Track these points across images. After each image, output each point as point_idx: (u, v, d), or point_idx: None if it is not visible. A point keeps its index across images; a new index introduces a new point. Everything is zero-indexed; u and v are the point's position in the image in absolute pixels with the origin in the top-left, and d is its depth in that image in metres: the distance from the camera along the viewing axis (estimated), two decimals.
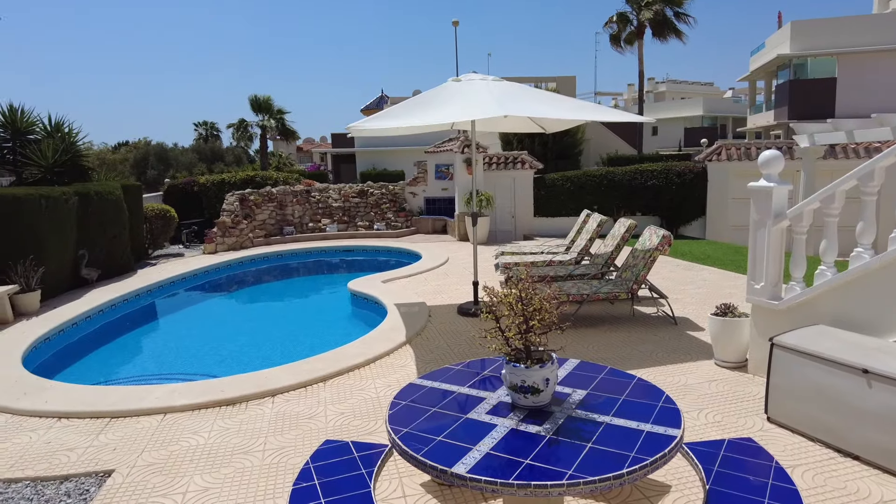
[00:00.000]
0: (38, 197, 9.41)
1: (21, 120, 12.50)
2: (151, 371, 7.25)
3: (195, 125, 48.81)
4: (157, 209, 14.69)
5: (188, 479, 4.00)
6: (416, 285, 9.92)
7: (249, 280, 13.07)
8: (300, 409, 5.08)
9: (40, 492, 4.03)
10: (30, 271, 9.00)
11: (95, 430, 4.84)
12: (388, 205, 17.17)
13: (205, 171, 33.05)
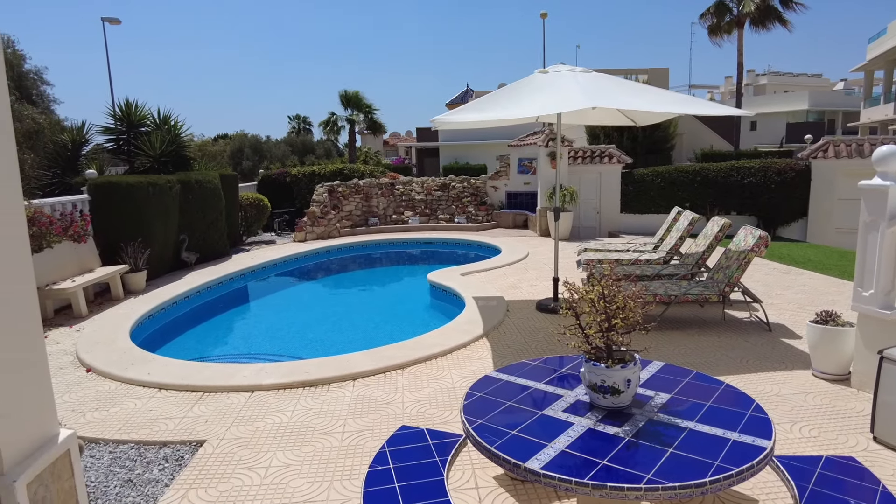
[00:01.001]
0: (146, 184, 10.17)
1: (134, 114, 13.56)
2: (241, 350, 7.66)
3: (289, 119, 50.96)
4: (251, 198, 15.49)
5: (271, 455, 4.20)
6: (494, 279, 9.90)
7: (335, 268, 13.53)
8: (378, 394, 5.21)
9: (143, 454, 4.37)
10: (138, 253, 9.76)
11: (190, 403, 5.19)
12: (470, 198, 17.21)
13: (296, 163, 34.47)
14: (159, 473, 4.08)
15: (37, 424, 2.58)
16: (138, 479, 4.02)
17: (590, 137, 22.42)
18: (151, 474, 4.07)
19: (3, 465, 2.36)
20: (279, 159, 37.40)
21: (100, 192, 9.72)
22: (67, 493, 2.69)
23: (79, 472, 2.77)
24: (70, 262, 8.98)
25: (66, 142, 12.99)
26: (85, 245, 9.37)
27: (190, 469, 4.06)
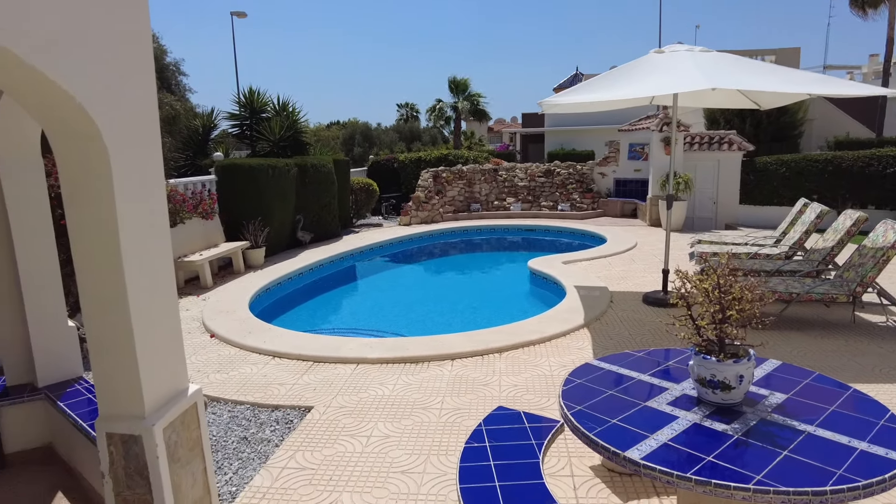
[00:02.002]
0: (266, 167, 10.87)
1: (257, 101, 14.49)
2: (348, 325, 8.04)
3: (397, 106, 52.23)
4: (361, 182, 16.11)
5: (373, 425, 4.39)
6: (598, 269, 9.64)
7: (437, 252, 13.79)
8: (476, 375, 5.27)
9: (257, 415, 4.72)
10: (258, 231, 10.48)
11: (301, 371, 5.53)
12: (575, 185, 16.82)
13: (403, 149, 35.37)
14: (271, 434, 4.40)
15: (171, 378, 2.87)
16: (252, 438, 4.36)
17: (708, 122, 21.07)
18: (264, 434, 4.40)
19: (145, 409, 2.66)
20: (387, 146, 38.51)
21: (225, 174, 10.52)
22: (194, 442, 2.97)
23: (204, 424, 3.05)
24: (198, 237, 9.81)
25: (197, 127, 14.16)
26: (211, 222, 10.20)
27: (298, 432, 4.34)
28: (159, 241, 2.78)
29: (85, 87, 2.29)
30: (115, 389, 2.68)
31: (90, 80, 2.32)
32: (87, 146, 2.42)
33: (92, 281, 2.59)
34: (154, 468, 2.66)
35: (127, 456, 2.68)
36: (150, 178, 2.71)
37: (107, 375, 2.68)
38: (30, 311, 4.12)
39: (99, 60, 2.38)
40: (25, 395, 4.13)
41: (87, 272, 2.60)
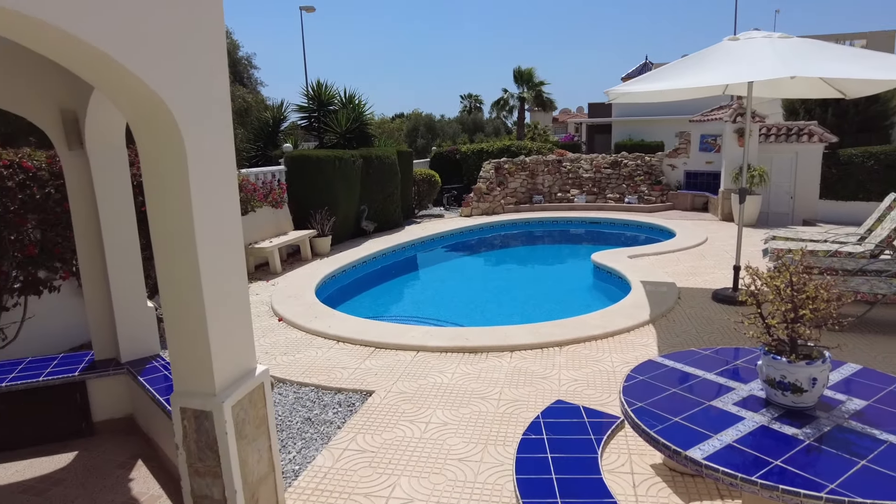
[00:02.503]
0: (333, 158, 11.14)
1: (324, 94, 14.84)
2: (409, 313, 8.16)
3: (461, 98, 52.22)
4: (424, 174, 16.25)
5: (431, 412, 4.46)
6: (665, 264, 9.35)
7: (497, 243, 13.75)
8: (535, 367, 5.24)
9: (321, 397, 4.89)
10: (325, 220, 10.78)
11: (363, 356, 5.67)
12: (643, 177, 16.34)
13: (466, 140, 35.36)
14: (333, 416, 4.54)
15: (241, 359, 3.01)
16: (316, 419, 4.51)
17: (786, 113, 19.93)
18: (327, 416, 4.54)
19: (216, 387, 2.80)
20: (450, 137, 38.59)
21: (294, 164, 10.86)
22: (261, 420, 3.11)
23: (270, 403, 3.19)
24: (268, 225, 10.19)
25: (268, 119, 14.65)
26: (281, 210, 10.56)
27: (359, 415, 4.46)
28: (231, 228, 2.92)
29: (166, 84, 2.42)
30: (188, 367, 2.84)
31: (171, 78, 2.45)
32: (166, 138, 2.56)
33: (169, 264, 2.75)
34: (223, 443, 2.80)
35: (199, 430, 2.84)
36: (223, 168, 2.84)
37: (181, 354, 2.85)
38: (114, 292, 4.41)
39: (179, 60, 2.51)
40: (110, 369, 4.44)
41: (164, 256, 2.76)
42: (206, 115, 2.68)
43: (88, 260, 4.42)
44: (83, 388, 4.39)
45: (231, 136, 2.88)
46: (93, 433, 4.46)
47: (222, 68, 2.79)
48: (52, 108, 4.15)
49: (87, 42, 2.07)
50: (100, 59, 2.18)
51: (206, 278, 2.70)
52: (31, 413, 4.31)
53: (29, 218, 5.44)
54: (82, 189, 4.30)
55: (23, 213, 5.38)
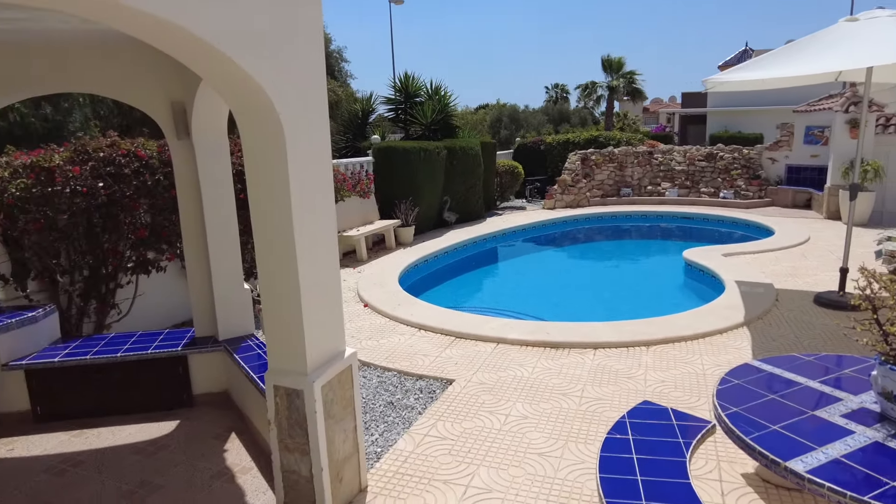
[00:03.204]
0: (418, 149, 11.29)
1: (411, 85, 15.04)
2: (488, 304, 8.16)
3: (546, 88, 51.42)
4: (507, 165, 16.14)
5: (511, 405, 4.44)
6: (763, 264, 8.80)
7: (581, 237, 13.46)
8: (620, 366, 5.10)
9: (402, 382, 4.99)
10: (409, 210, 10.96)
11: (443, 345, 5.73)
12: (740, 171, 15.42)
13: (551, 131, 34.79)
14: (414, 402, 4.62)
15: (331, 341, 3.12)
16: (398, 403, 4.61)
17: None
18: (408, 401, 4.63)
19: (307, 367, 2.92)
20: (535, 128, 38.12)
21: (381, 155, 11.10)
22: (348, 401, 3.22)
23: (357, 385, 3.29)
24: (356, 214, 10.49)
25: (357, 111, 15.04)
26: (368, 200, 10.84)
27: (440, 403, 4.52)
28: (326, 216, 3.02)
29: (267, 75, 2.53)
30: (283, 347, 2.98)
31: (272, 69, 2.56)
32: (266, 125, 2.68)
33: (268, 248, 2.89)
34: (312, 421, 2.92)
35: (290, 408, 2.97)
36: (319, 156, 2.95)
37: (277, 334, 2.99)
38: (214, 274, 4.70)
39: (280, 53, 2.61)
40: (209, 346, 4.74)
41: (263, 240, 2.90)
42: (304, 103, 2.78)
43: (192, 243, 4.73)
44: (185, 362, 4.72)
45: (327, 126, 2.98)
46: (192, 404, 4.78)
47: (320, 61, 2.89)
48: (164, 101, 4.47)
49: (200, 38, 2.20)
50: (209, 53, 2.31)
51: (301, 263, 2.81)
52: (141, 382, 4.68)
53: (141, 203, 5.88)
54: (188, 176, 4.60)
55: (136, 198, 5.82)
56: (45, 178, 5.35)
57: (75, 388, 4.60)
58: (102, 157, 5.68)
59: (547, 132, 33.08)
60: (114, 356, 4.58)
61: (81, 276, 5.79)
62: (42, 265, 5.52)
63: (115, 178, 5.67)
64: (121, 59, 4.34)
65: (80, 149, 5.70)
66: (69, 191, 5.36)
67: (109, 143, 5.88)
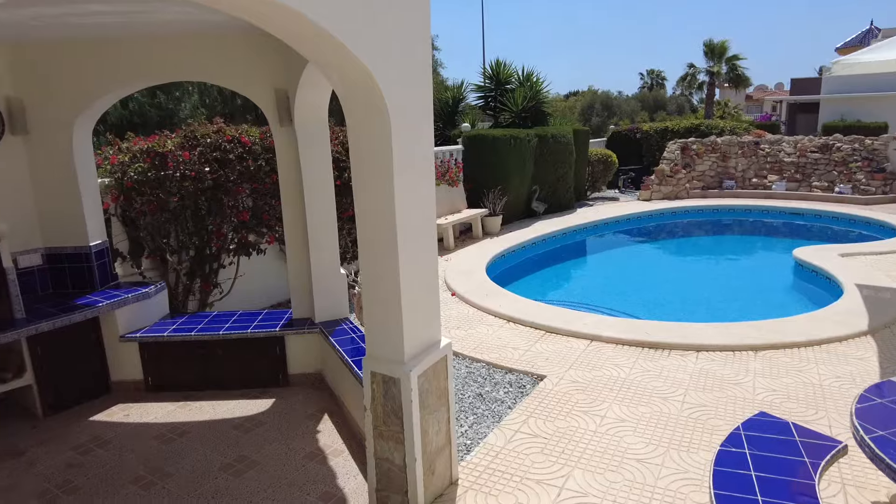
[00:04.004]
0: (508, 137, 11.09)
1: (502, 73, 14.81)
2: (577, 299, 7.89)
3: (640, 75, 49.43)
4: (600, 154, 15.58)
5: (607, 406, 4.23)
6: (889, 266, 7.94)
7: (679, 231, 12.78)
8: (725, 372, 4.74)
9: (491, 374, 4.90)
10: (497, 199, 10.81)
11: (533, 339, 5.58)
12: (860, 163, 14.05)
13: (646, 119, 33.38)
14: (504, 395, 4.52)
15: (428, 330, 3.07)
16: (487, 396, 4.52)
17: None
18: (497, 394, 4.53)
19: (405, 355, 2.88)
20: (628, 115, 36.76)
21: (471, 144, 11.00)
22: (442, 391, 3.16)
23: (451, 376, 3.22)
24: (444, 202, 10.47)
25: (447, 99, 15.00)
26: (456, 189, 10.79)
27: (531, 399, 4.38)
28: (426, 203, 2.96)
29: (374, 57, 2.48)
30: (381, 333, 2.96)
31: (378, 52, 2.51)
32: (371, 108, 2.64)
33: (369, 234, 2.86)
34: (407, 410, 2.88)
35: (386, 395, 2.95)
36: (422, 140, 2.88)
37: (376, 321, 2.96)
38: (313, 257, 4.79)
39: (387, 36, 2.56)
40: (306, 327, 4.85)
41: (365, 226, 2.87)
42: (410, 87, 2.72)
43: (292, 227, 4.84)
44: (282, 342, 4.86)
45: (430, 111, 2.90)
46: (288, 384, 4.92)
47: (426, 46, 2.81)
48: (268, 88, 4.57)
49: (314, 21, 2.18)
50: (320, 36, 2.29)
51: (402, 249, 2.76)
52: (241, 359, 4.87)
53: (244, 187, 6.11)
54: (289, 162, 4.70)
55: (239, 183, 6.05)
56: (159, 162, 5.66)
57: (181, 362, 4.86)
58: (209, 142, 5.94)
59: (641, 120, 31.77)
60: (216, 333, 4.78)
61: (188, 256, 6.11)
62: (154, 244, 5.86)
63: (221, 163, 5.92)
64: (229, 49, 4.48)
65: (190, 135, 5.99)
66: (179, 175, 5.65)
67: (216, 130, 6.14)
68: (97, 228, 5.02)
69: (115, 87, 4.66)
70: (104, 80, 4.60)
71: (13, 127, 4.62)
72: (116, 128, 10.25)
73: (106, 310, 4.66)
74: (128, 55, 4.52)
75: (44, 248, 4.91)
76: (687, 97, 40.00)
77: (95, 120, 4.97)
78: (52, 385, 4.51)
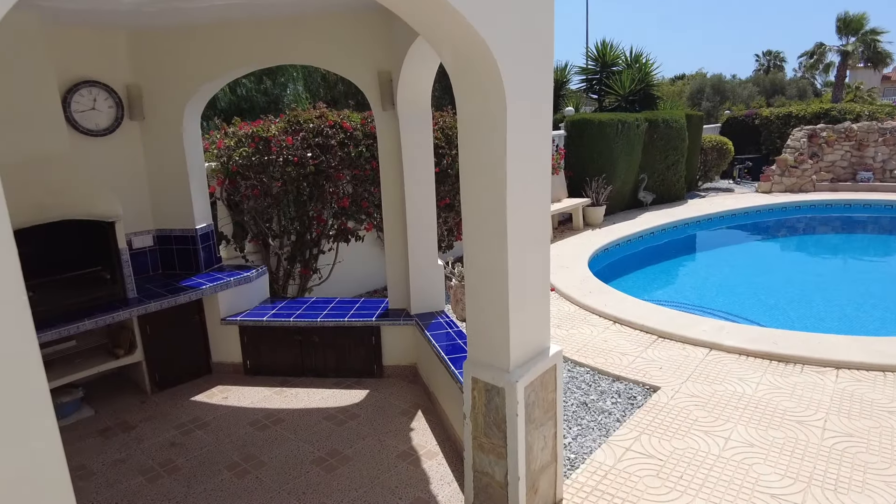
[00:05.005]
0: (616, 122, 10.43)
1: (608, 54, 14.03)
2: (690, 300, 7.26)
3: (756, 56, 45.74)
4: (714, 141, 14.43)
5: (731, 427, 3.74)
6: None
7: (804, 228, 11.56)
8: (875, 396, 4.08)
9: (597, 381, 4.51)
10: (600, 188, 10.23)
11: (643, 344, 5.11)
12: None
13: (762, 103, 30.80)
14: (612, 406, 4.13)
15: (536, 336, 2.76)
16: (592, 405, 4.16)
17: None
18: (604, 404, 4.15)
19: (510, 363, 2.60)
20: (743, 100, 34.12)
21: (575, 128, 10.46)
22: (549, 404, 2.85)
23: (560, 387, 2.90)
24: None
25: None
26: (556, 177, 10.31)
27: (643, 413, 3.97)
28: (541, 193, 2.64)
29: (491, 26, 2.19)
30: (485, 336, 2.69)
31: (495, 20, 2.21)
32: (485, 85, 2.35)
33: (475, 225, 2.59)
34: (511, 424, 2.60)
35: (488, 405, 2.68)
36: (540, 123, 2.56)
37: (479, 322, 2.70)
38: (411, 247, 4.60)
39: (509, 8, 2.25)
40: (401, 319, 4.69)
41: (472, 216, 2.60)
42: (529, 63, 2.40)
43: (390, 215, 4.68)
44: (378, 332, 4.73)
45: (550, 91, 2.57)
46: (382, 375, 4.80)
47: (548, 15, 2.48)
48: (371, 71, 4.40)
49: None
50: (433, 2, 2.02)
51: (512, 243, 2.48)
52: (336, 348, 4.80)
53: (344, 173, 6.04)
54: (391, 147, 4.52)
55: (340, 169, 5.99)
56: (263, 147, 5.70)
57: (278, 347, 4.86)
58: (312, 127, 5.91)
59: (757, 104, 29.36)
60: (313, 320, 4.73)
61: (289, 241, 6.15)
62: (257, 229, 5.93)
63: (322, 149, 5.88)
64: (334, 29, 4.36)
65: (293, 119, 5.99)
66: (282, 160, 5.65)
67: (318, 115, 6.10)
68: (203, 212, 5.12)
69: (224, 70, 4.67)
70: (215, 64, 4.63)
71: (132, 113, 4.77)
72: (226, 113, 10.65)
73: (209, 292, 4.74)
74: (240, 39, 4.50)
75: (155, 229, 5.06)
76: (809, 80, 36.63)
77: (204, 104, 5.05)
78: (159, 363, 4.64)
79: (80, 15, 4.01)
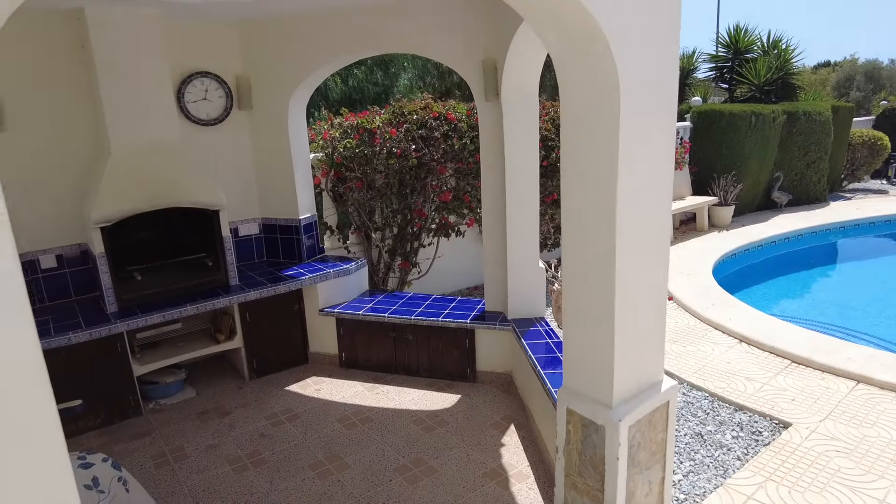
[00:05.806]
0: (749, 114, 9.41)
1: (742, 40, 12.75)
2: (831, 320, 6.33)
3: None
4: (865, 136, 12.70)
5: (887, 485, 3.11)
6: None
7: None
8: None
9: (715, 409, 3.98)
10: (729, 186, 9.29)
11: (773, 369, 4.47)
12: None
13: None
14: (732, 440, 3.61)
15: (647, 367, 2.38)
16: (709, 437, 3.66)
17: None
18: (723, 438, 3.64)
19: (613, 398, 2.25)
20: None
21: (702, 120, 9.57)
22: (658, 445, 2.45)
23: (672, 426, 2.50)
24: None
25: None
26: (680, 172, 9.49)
27: (770, 453, 3.42)
28: (660, 196, 2.25)
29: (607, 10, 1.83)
30: (583, 362, 2.35)
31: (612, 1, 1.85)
32: (595, 72, 2.00)
33: (577, 227, 2.26)
34: (611, 467, 2.25)
35: (584, 441, 2.35)
36: (661, 117, 2.17)
37: (578, 345, 2.36)
38: (510, 247, 4.30)
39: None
40: (497, 323, 4.41)
41: (572, 217, 2.27)
42: (649, 42, 2.02)
43: (490, 212, 4.40)
44: (472, 335, 4.49)
45: (674, 74, 2.17)
46: (475, 380, 4.56)
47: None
48: (475, 59, 4.14)
49: None
50: None
51: (621, 256, 2.12)
52: (430, 347, 4.62)
53: (447, 167, 5.84)
54: (493, 140, 4.23)
55: (443, 162, 5.79)
56: (368, 138, 5.62)
57: (373, 342, 4.77)
58: (416, 119, 5.75)
59: None
60: (408, 318, 4.58)
61: (391, 234, 6.06)
62: (360, 220, 5.89)
63: (426, 141, 5.70)
64: (438, 15, 4.14)
65: (397, 111, 5.87)
66: (385, 152, 5.55)
67: (423, 106, 5.93)
68: (307, 202, 5.13)
69: (329, 60, 4.61)
70: (321, 53, 4.58)
71: (240, 103, 4.85)
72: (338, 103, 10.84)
73: (308, 283, 4.73)
74: (342, 27, 4.42)
75: (261, 217, 5.15)
76: None
77: (309, 95, 5.03)
78: (257, 350, 4.71)
79: (195, 9, 4.09)
